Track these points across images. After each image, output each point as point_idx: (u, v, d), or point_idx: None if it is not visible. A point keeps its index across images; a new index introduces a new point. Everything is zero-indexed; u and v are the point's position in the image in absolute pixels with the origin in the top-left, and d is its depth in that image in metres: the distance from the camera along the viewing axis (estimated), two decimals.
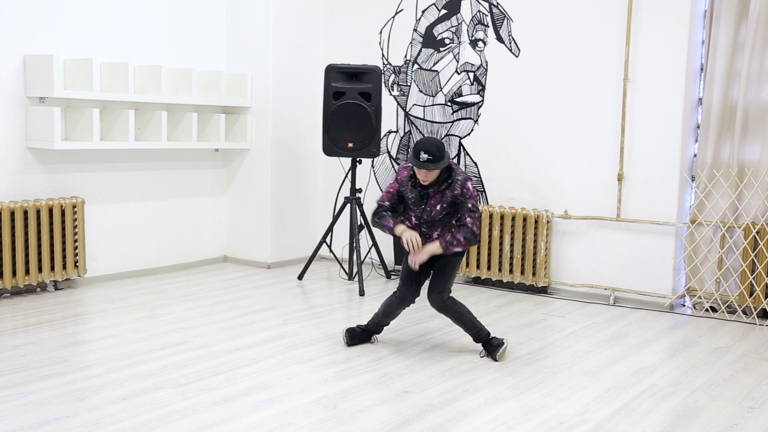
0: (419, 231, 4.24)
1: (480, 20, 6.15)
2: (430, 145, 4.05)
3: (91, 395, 3.55)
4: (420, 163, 4.05)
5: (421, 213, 4.22)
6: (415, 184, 4.22)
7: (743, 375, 4.11)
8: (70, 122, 5.52)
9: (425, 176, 4.11)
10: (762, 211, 5.24)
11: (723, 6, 5.25)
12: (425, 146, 4.05)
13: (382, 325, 4.49)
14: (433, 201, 4.20)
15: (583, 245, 5.83)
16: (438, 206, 4.19)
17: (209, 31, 6.55)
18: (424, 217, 4.22)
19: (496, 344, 4.26)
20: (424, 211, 4.21)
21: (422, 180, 4.14)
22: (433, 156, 4.04)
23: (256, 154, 6.63)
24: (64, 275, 5.52)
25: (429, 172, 4.09)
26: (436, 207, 4.19)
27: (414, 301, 4.39)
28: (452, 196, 4.16)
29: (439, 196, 4.19)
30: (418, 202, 4.22)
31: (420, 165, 4.06)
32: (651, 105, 5.51)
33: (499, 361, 4.21)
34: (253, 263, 6.72)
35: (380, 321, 4.47)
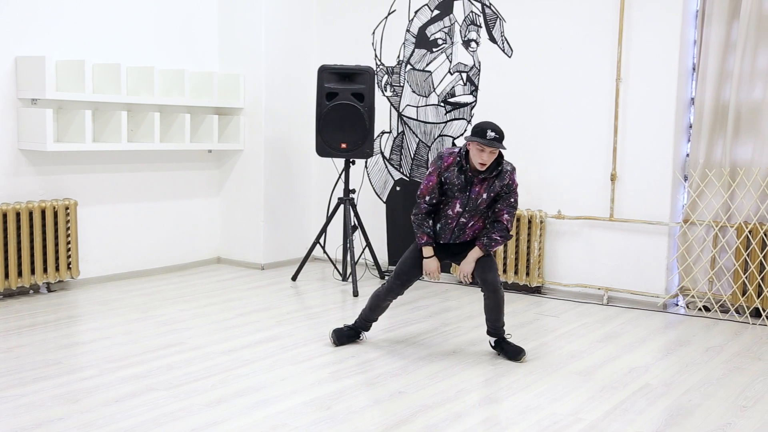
0: (459, 220, 4.19)
1: (473, 21, 6.16)
2: (494, 125, 4.02)
3: (84, 397, 3.55)
4: (488, 141, 3.96)
5: (467, 201, 4.16)
6: (461, 170, 4.13)
7: (736, 374, 4.12)
8: (62, 124, 5.51)
9: (488, 157, 4.03)
10: (754, 210, 5.26)
11: (715, 6, 5.27)
12: (490, 125, 4.00)
13: (370, 320, 4.47)
14: (478, 188, 4.14)
15: (576, 245, 5.84)
16: (484, 194, 4.15)
17: (201, 32, 6.54)
18: (469, 205, 4.16)
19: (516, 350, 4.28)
20: (470, 199, 4.15)
21: (483, 162, 4.03)
22: (500, 135, 4.00)
23: (249, 155, 6.62)
24: (57, 277, 5.50)
25: (493, 152, 4.02)
26: (482, 195, 4.15)
27: (402, 293, 4.39)
28: (500, 186, 4.14)
29: (486, 184, 4.14)
30: (463, 189, 4.15)
31: (488, 143, 3.96)
32: (644, 105, 5.52)
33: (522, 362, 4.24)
34: (247, 264, 6.71)
35: (368, 316, 4.46)
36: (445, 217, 4.25)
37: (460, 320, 5.10)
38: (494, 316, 4.31)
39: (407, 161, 6.55)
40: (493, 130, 3.99)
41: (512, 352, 4.27)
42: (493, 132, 3.98)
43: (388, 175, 6.67)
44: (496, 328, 4.33)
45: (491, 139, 3.97)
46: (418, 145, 6.49)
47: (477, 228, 4.27)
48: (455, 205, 4.19)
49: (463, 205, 4.18)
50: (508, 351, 4.29)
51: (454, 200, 4.19)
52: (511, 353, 4.27)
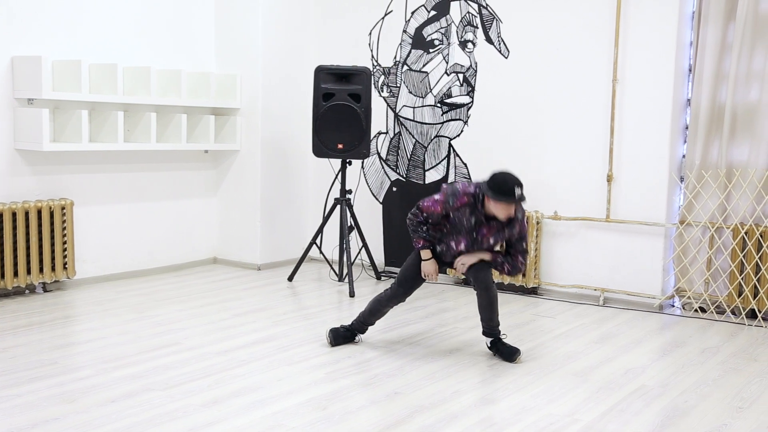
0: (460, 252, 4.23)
1: (469, 21, 6.16)
2: (517, 180, 4.00)
3: (80, 397, 3.54)
4: (515, 199, 3.97)
5: (472, 242, 4.20)
6: (473, 213, 4.14)
7: (732, 375, 4.12)
8: (58, 124, 5.50)
9: (509, 212, 4.05)
10: (750, 211, 5.27)
11: (711, 7, 5.28)
12: (516, 181, 3.99)
13: (367, 324, 4.48)
14: (486, 231, 4.17)
15: (572, 246, 5.84)
16: (491, 238, 4.19)
17: (198, 32, 6.54)
18: (474, 246, 4.21)
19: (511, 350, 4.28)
20: (476, 241, 4.19)
21: (503, 216, 4.06)
22: (522, 189, 4.01)
23: (246, 155, 6.62)
24: (52, 277, 5.49)
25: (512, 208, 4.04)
26: (489, 239, 4.19)
27: (404, 300, 4.41)
28: (510, 234, 4.18)
29: (494, 230, 4.17)
30: (470, 231, 4.17)
31: (515, 201, 3.97)
32: (640, 106, 5.53)
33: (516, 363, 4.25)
34: (243, 265, 6.70)
35: (366, 320, 4.46)
36: (447, 247, 4.27)
37: (456, 321, 5.10)
38: (488, 315, 4.31)
39: (404, 162, 6.55)
40: (519, 186, 3.98)
41: (507, 353, 4.27)
42: (519, 189, 3.98)
43: (384, 176, 6.67)
44: (490, 327, 4.33)
45: (519, 197, 3.99)
46: (415, 146, 6.49)
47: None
48: (460, 242, 4.22)
49: (468, 246, 4.21)
50: (503, 352, 4.28)
51: (459, 236, 4.20)
52: (506, 354, 4.27)
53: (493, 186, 4.00)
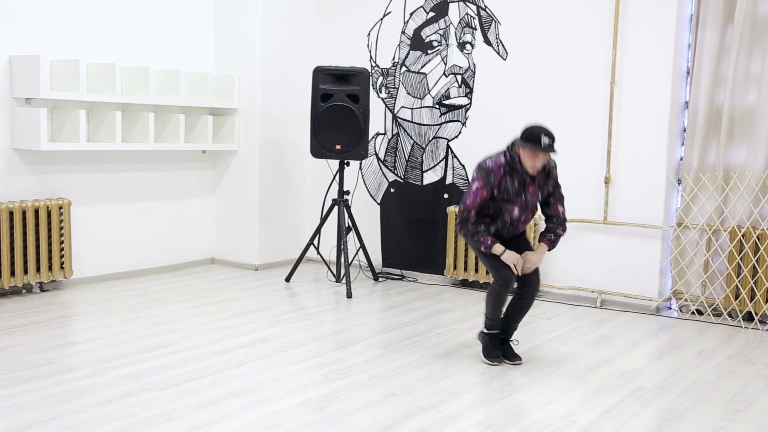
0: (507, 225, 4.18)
1: (468, 23, 6.16)
2: (546, 129, 4.00)
3: (77, 397, 3.54)
4: (544, 148, 3.96)
5: (525, 204, 4.15)
6: (513, 175, 4.11)
7: (729, 378, 4.13)
8: (56, 123, 5.49)
9: (542, 163, 4.05)
10: (747, 214, 5.28)
11: (709, 10, 5.29)
12: (543, 130, 3.99)
13: (498, 319, 4.30)
14: (532, 189, 4.15)
15: (570, 248, 5.85)
16: (539, 193, 4.18)
17: (197, 32, 6.53)
18: (528, 207, 4.17)
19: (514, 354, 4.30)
20: (527, 201, 4.15)
21: (535, 168, 4.05)
22: (553, 139, 4.00)
23: (244, 155, 6.62)
24: (50, 277, 5.48)
25: (546, 157, 4.04)
26: (537, 195, 4.18)
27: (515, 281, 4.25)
28: (552, 184, 4.20)
29: (537, 184, 4.16)
30: (518, 193, 4.13)
31: (545, 149, 3.96)
32: (638, 108, 5.54)
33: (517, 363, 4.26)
34: (241, 265, 6.70)
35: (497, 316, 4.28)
36: (501, 221, 4.20)
37: (454, 322, 5.10)
38: (519, 317, 4.31)
39: (402, 163, 6.56)
40: (547, 136, 3.98)
41: (511, 355, 4.28)
42: (548, 138, 3.97)
43: (382, 177, 6.67)
44: (511, 329, 4.33)
45: (547, 146, 3.97)
46: (413, 147, 6.49)
47: (528, 219, 4.26)
48: (513, 210, 4.16)
49: (522, 209, 4.17)
50: (507, 352, 4.29)
51: (511, 205, 4.15)
52: (509, 355, 4.28)
53: (523, 136, 4.03)
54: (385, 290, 6.05)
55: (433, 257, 6.45)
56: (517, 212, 4.18)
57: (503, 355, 4.28)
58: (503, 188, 4.12)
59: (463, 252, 6.11)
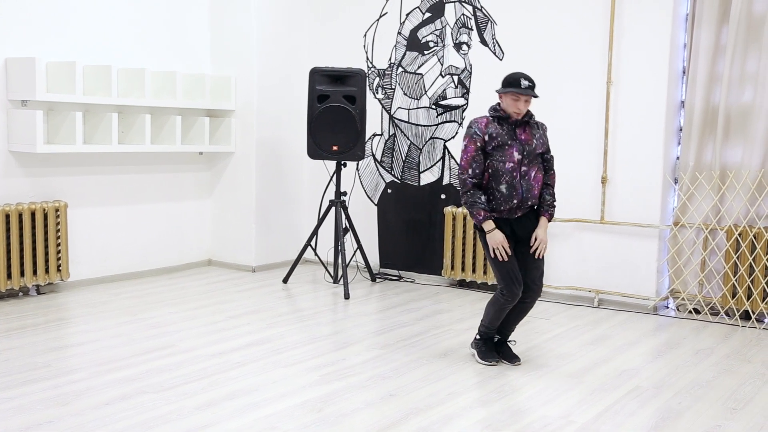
0: (516, 179, 4.04)
1: (464, 23, 6.17)
2: (524, 74, 4.03)
3: (73, 400, 3.53)
4: (524, 90, 3.98)
5: (522, 146, 4.08)
6: (501, 124, 4.08)
7: (726, 376, 4.13)
8: (52, 125, 5.48)
9: (524, 106, 4.04)
10: (744, 213, 5.28)
11: (704, 9, 5.29)
12: (522, 74, 4.02)
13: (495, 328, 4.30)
14: (524, 136, 4.10)
15: (567, 248, 5.85)
16: (534, 141, 4.11)
17: (193, 34, 6.53)
18: (526, 149, 4.09)
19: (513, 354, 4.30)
20: (525, 146, 4.08)
21: (518, 111, 4.03)
22: (533, 83, 4.02)
23: (241, 157, 6.61)
24: (46, 279, 5.47)
25: (528, 101, 4.04)
26: (532, 141, 4.11)
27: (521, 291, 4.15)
28: (543, 135, 4.18)
29: (528, 131, 4.12)
30: (512, 137, 4.07)
31: (524, 91, 3.98)
32: (634, 108, 5.54)
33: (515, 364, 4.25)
34: (238, 267, 6.69)
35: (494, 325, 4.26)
36: (506, 174, 4.04)
37: (451, 322, 5.10)
38: (518, 320, 4.30)
39: (399, 164, 6.55)
40: (526, 79, 4.02)
41: (511, 355, 4.28)
42: (526, 80, 4.01)
43: (379, 178, 6.67)
44: (509, 330, 4.33)
45: (526, 87, 4.00)
46: (410, 148, 6.49)
47: (539, 180, 4.14)
48: (512, 154, 4.05)
49: (521, 151, 4.07)
50: (506, 353, 4.29)
51: (509, 149, 4.06)
52: (509, 356, 4.28)
53: (503, 82, 4.05)
54: (382, 291, 6.04)
55: (430, 258, 6.45)
56: (518, 155, 4.05)
57: (502, 356, 4.28)
58: (493, 135, 4.06)
59: (461, 252, 6.10)
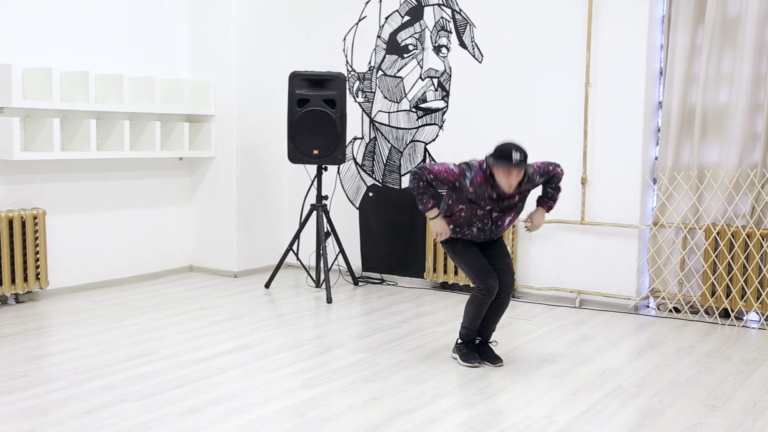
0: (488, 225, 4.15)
1: (443, 26, 6.18)
2: (516, 145, 3.98)
3: (53, 409, 3.50)
4: (516, 163, 3.92)
5: (503, 210, 4.15)
6: (493, 188, 4.08)
7: (706, 374, 4.16)
8: (29, 132, 5.44)
9: (516, 179, 4.00)
10: (722, 212, 5.33)
11: (680, 11, 5.34)
12: (514, 146, 3.96)
13: (475, 329, 4.32)
14: (508, 200, 4.15)
15: (548, 248, 5.87)
16: (516, 197, 4.17)
17: (171, 39, 6.50)
18: (501, 206, 4.14)
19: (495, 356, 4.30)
20: (503, 203, 4.13)
21: (511, 185, 4.01)
22: (524, 154, 3.96)
23: (221, 162, 6.59)
24: (25, 288, 5.42)
25: (519, 173, 3.99)
26: (514, 199, 4.16)
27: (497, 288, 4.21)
28: (530, 184, 4.18)
29: (516, 191, 4.14)
30: (498, 198, 4.11)
31: (516, 164, 3.93)
32: (612, 109, 5.58)
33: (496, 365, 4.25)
34: (220, 272, 6.67)
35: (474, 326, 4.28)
36: (478, 221, 4.16)
37: (434, 325, 5.11)
38: (496, 319, 4.31)
39: (380, 167, 6.56)
40: (518, 151, 3.95)
41: (493, 356, 4.29)
42: (518, 153, 3.94)
43: (360, 181, 6.67)
44: (489, 330, 4.33)
45: (518, 161, 3.93)
46: (391, 151, 6.50)
47: (513, 220, 4.22)
48: (485, 206, 4.13)
49: (501, 210, 4.16)
50: (489, 354, 4.29)
51: (483, 205, 4.12)
52: (491, 357, 4.28)
53: (495, 154, 4.00)
54: (365, 294, 6.04)
55: (412, 260, 6.45)
56: (489, 206, 4.13)
57: (484, 357, 4.29)
58: (478, 194, 4.09)
59: (443, 255, 6.11)
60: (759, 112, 5.19)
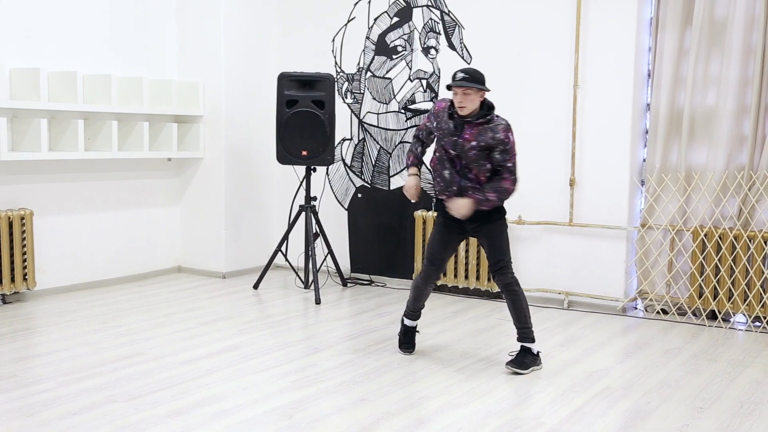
0: (456, 169, 4.10)
1: (432, 28, 6.19)
2: (468, 68, 4.01)
3: (40, 410, 3.48)
4: (455, 82, 3.95)
5: (454, 144, 4.07)
6: (451, 115, 4.10)
7: (693, 376, 4.19)
8: (17, 132, 5.41)
9: (461, 99, 3.99)
10: (709, 214, 5.36)
11: (668, 13, 5.37)
12: (463, 69, 4.01)
13: (417, 309, 4.42)
14: (468, 135, 4.05)
15: (536, 250, 5.89)
16: (473, 142, 4.04)
17: (160, 39, 6.48)
18: (457, 149, 4.07)
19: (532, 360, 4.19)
20: (457, 143, 4.06)
21: (458, 105, 4.00)
22: (470, 75, 3.96)
23: (210, 163, 6.57)
24: (12, 288, 5.39)
25: (466, 94, 3.97)
26: (471, 142, 4.04)
27: (439, 277, 4.35)
28: (492, 138, 4.02)
29: (476, 132, 4.04)
30: (452, 133, 4.08)
31: (455, 83, 3.95)
32: (601, 111, 5.60)
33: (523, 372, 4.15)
34: (208, 273, 6.65)
35: (415, 307, 4.40)
36: (447, 162, 4.13)
37: (422, 326, 5.10)
38: (513, 318, 4.23)
39: (368, 168, 6.56)
40: (463, 71, 3.98)
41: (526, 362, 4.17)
42: (462, 72, 3.98)
43: (349, 182, 6.66)
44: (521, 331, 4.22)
45: (459, 79, 3.96)
46: (379, 152, 6.50)
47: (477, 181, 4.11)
48: (448, 150, 4.12)
49: (453, 148, 4.09)
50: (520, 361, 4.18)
51: (446, 145, 4.12)
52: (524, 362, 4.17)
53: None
54: (353, 296, 6.04)
55: (401, 262, 6.45)
56: (452, 151, 4.09)
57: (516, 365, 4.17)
58: (439, 125, 4.17)
59: None
60: (746, 114, 5.23)
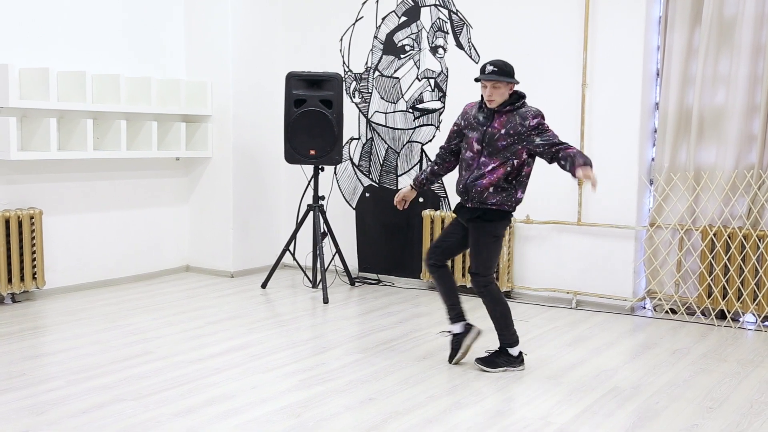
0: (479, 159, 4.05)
1: (440, 27, 6.19)
2: (497, 60, 4.00)
3: (50, 409, 3.49)
4: (484, 75, 3.94)
5: (483, 135, 4.04)
6: (481, 108, 4.10)
7: (703, 376, 4.17)
8: (26, 132, 5.43)
9: (490, 93, 3.98)
10: (718, 213, 5.34)
11: (677, 12, 5.35)
12: (491, 61, 4.00)
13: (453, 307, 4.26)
14: (497, 124, 4.02)
15: (545, 249, 5.88)
16: (503, 129, 3.99)
17: (168, 39, 6.50)
18: (486, 140, 4.03)
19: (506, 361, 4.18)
20: (486, 133, 4.03)
21: (487, 98, 3.99)
22: (499, 68, 3.95)
23: (218, 162, 6.59)
24: (22, 287, 5.42)
25: (495, 88, 3.96)
26: (500, 131, 4.00)
27: (444, 264, 4.25)
28: (521, 124, 3.97)
29: (504, 120, 4.01)
30: (481, 124, 4.06)
31: (485, 77, 3.94)
32: (609, 110, 5.58)
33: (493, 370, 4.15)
34: (216, 272, 6.66)
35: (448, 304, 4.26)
36: (464, 162, 4.15)
37: (430, 326, 5.11)
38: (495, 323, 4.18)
39: (376, 167, 6.56)
40: (493, 64, 3.98)
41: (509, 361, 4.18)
42: (491, 66, 3.97)
43: (357, 182, 6.67)
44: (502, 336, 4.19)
45: (488, 72, 3.96)
46: (387, 152, 6.50)
47: (497, 175, 4.01)
48: (473, 144, 4.07)
49: (480, 141, 4.04)
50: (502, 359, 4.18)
51: (471, 139, 4.08)
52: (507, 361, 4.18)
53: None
54: (361, 295, 6.04)
55: (409, 261, 6.45)
56: (477, 145, 4.07)
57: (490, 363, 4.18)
58: (468, 119, 4.16)
59: None
60: (756, 113, 5.20)
